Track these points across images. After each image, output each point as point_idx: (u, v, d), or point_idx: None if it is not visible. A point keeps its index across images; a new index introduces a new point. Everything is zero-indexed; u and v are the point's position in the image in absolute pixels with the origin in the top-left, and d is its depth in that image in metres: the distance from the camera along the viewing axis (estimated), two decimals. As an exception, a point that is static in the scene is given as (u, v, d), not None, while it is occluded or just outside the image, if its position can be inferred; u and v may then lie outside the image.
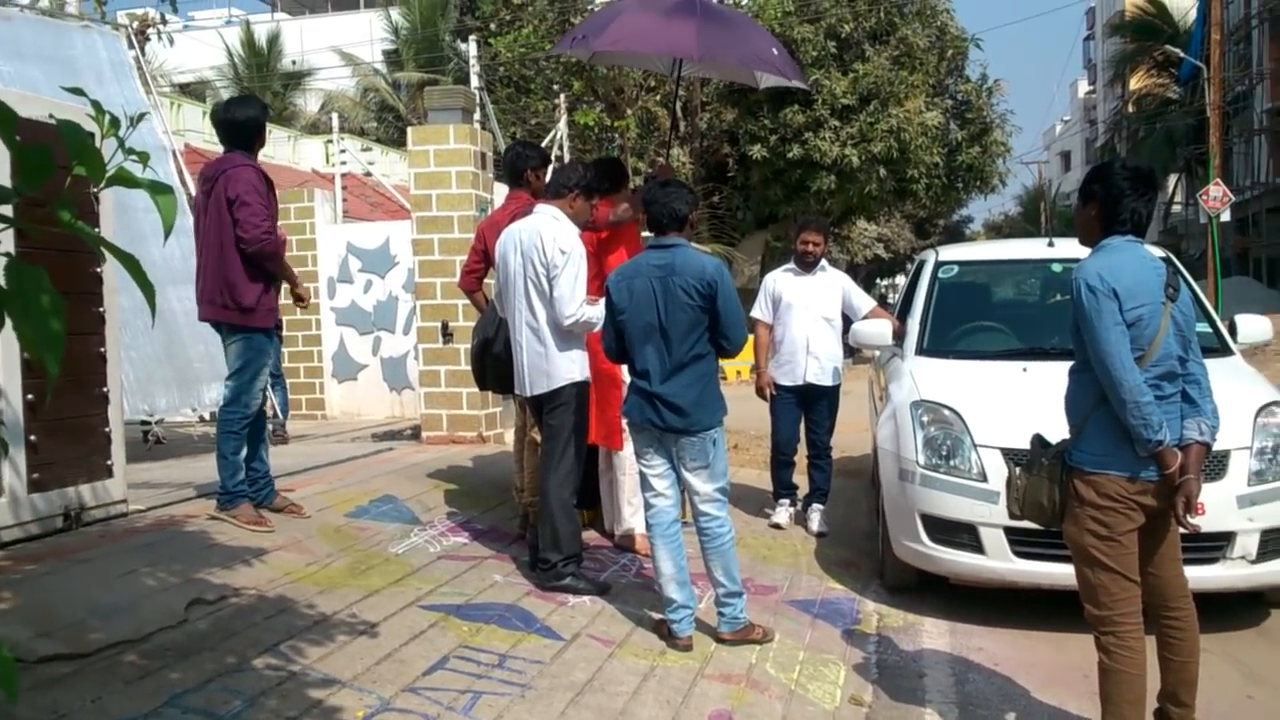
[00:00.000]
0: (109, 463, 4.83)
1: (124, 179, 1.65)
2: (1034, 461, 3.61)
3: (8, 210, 1.65)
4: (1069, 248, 6.54)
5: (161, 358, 7.25)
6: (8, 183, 1.60)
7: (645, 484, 4.57)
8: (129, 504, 5.01)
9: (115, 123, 1.69)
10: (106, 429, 4.81)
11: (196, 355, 7.40)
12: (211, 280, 4.90)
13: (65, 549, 4.26)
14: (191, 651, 3.50)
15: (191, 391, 7.44)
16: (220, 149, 5.10)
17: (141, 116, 1.79)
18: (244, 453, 5.01)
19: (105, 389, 4.79)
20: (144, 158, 1.75)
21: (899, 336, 6.50)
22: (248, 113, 5.07)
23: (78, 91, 1.75)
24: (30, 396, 4.34)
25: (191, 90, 29.19)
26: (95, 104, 1.68)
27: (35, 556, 4.12)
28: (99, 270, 4.75)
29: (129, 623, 3.58)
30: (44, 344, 1.55)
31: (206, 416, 8.70)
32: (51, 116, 1.71)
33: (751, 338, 6.78)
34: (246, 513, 4.93)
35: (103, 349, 4.78)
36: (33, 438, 4.36)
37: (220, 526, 4.84)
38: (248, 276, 4.85)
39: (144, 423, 7.94)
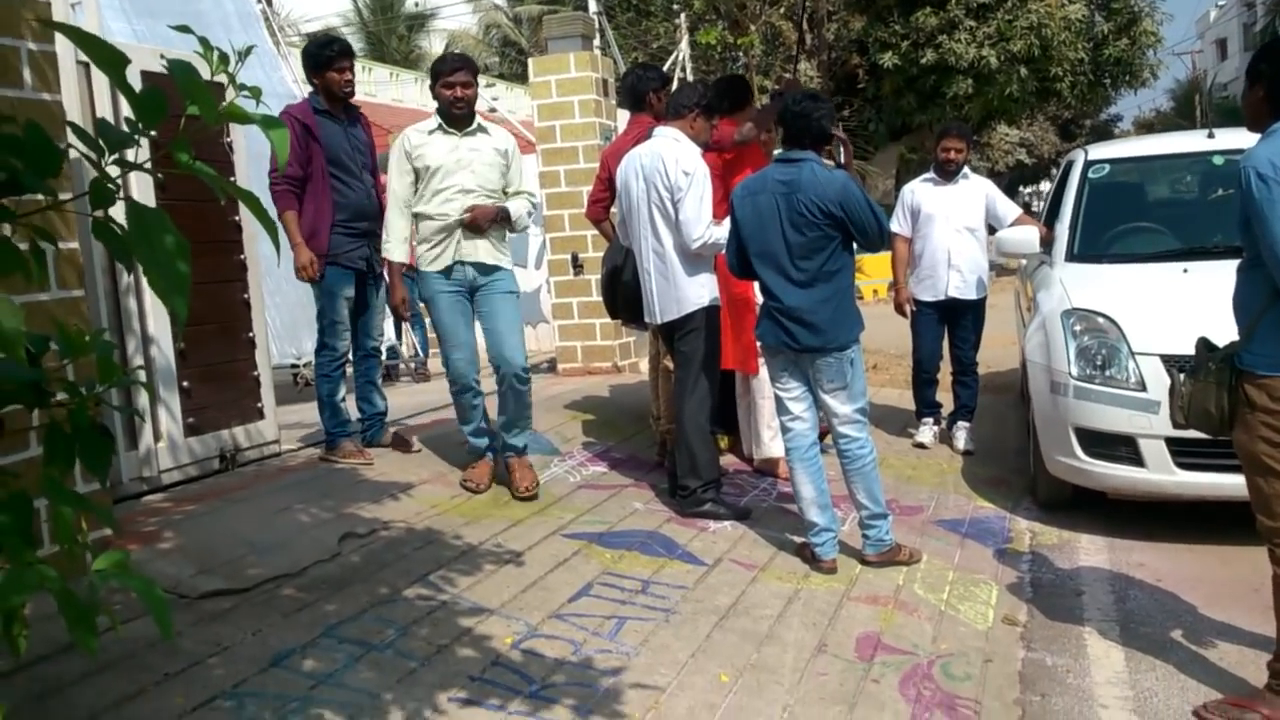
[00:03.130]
0: (260, 405, 5.01)
1: (235, 115, 1.63)
2: (1200, 367, 3.38)
3: (129, 155, 1.65)
4: (1231, 138, 6.11)
5: (305, 302, 7.45)
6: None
7: (782, 408, 4.48)
8: (281, 444, 5.20)
9: (224, 59, 1.66)
10: (255, 373, 4.97)
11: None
12: None
13: (223, 489, 4.45)
14: (345, 584, 3.62)
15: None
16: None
17: (250, 49, 1.76)
18: (341, 393, 5.06)
19: (251, 334, 4.94)
20: (255, 93, 1.72)
21: (1046, 243, 6.19)
22: (305, 48, 5.19)
23: (185, 29, 1.73)
24: (181, 345, 4.51)
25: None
26: (203, 40, 1.65)
27: (194, 497, 4.31)
28: (237, 219, 4.87)
29: (285, 558, 3.72)
30: (170, 285, 1.54)
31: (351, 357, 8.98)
32: (163, 58, 1.70)
33: (889, 253, 6.57)
34: (345, 449, 4.99)
35: (246, 295, 4.92)
36: (185, 384, 4.55)
37: (369, 463, 4.96)
38: (306, 215, 4.83)
39: (292, 366, 8.22)
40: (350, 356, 5.19)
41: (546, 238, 8.28)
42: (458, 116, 4.69)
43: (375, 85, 23.96)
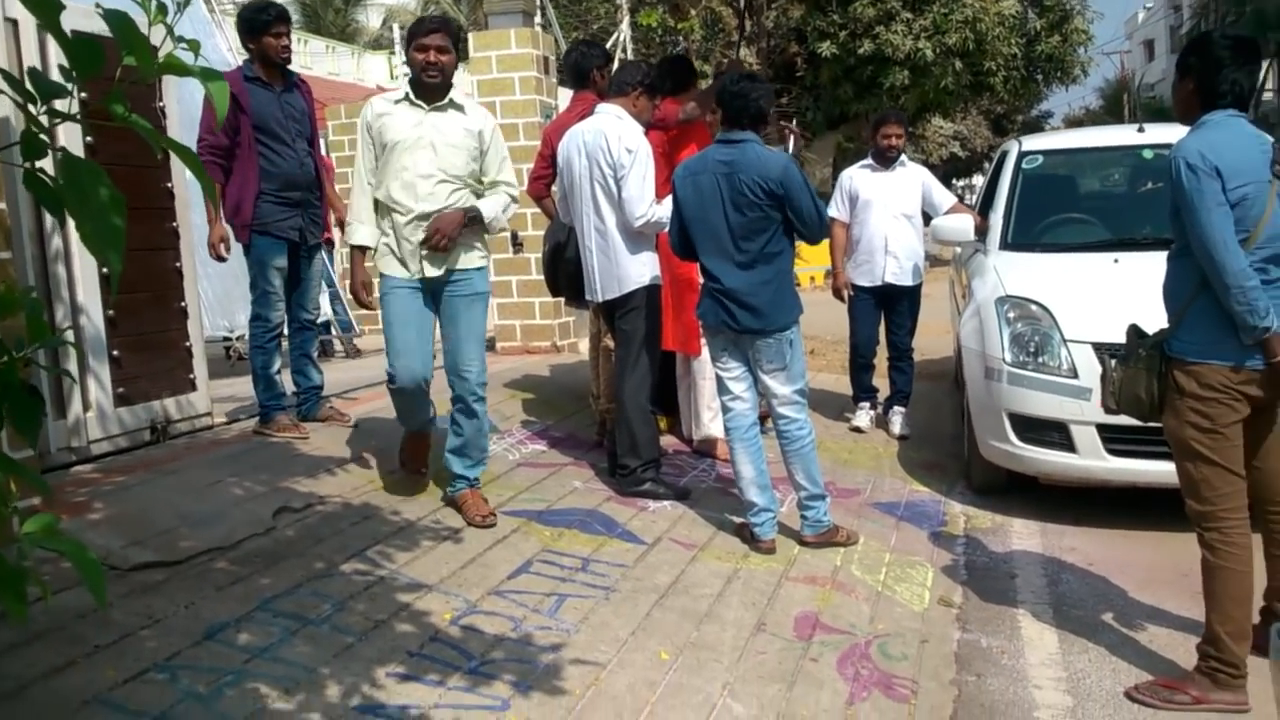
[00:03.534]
0: (191, 376, 4.88)
1: (174, 66, 1.56)
2: (1130, 353, 3.45)
3: (63, 106, 1.58)
4: (1160, 133, 6.26)
5: (239, 274, 7.27)
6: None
7: (722, 387, 4.48)
8: (213, 417, 5.08)
9: (162, 9, 1.60)
10: (187, 343, 4.85)
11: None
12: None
13: (153, 461, 4.33)
14: (280, 558, 3.54)
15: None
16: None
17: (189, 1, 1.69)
18: (275, 366, 4.92)
19: (183, 304, 4.81)
20: (194, 45, 1.66)
21: (981, 232, 6.27)
22: (240, 13, 5.02)
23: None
24: (111, 313, 4.38)
25: (255, 10, 29.15)
26: (139, -11, 1.58)
27: (125, 469, 4.19)
28: (169, 186, 4.74)
29: (219, 530, 3.63)
30: (104, 240, 1.48)
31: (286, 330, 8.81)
32: (98, 6, 1.63)
33: (826, 240, 6.60)
34: (280, 422, 4.87)
35: (178, 264, 4.79)
36: (115, 353, 4.41)
37: (303, 438, 4.87)
38: (233, 184, 4.69)
39: (225, 338, 8.05)
40: (285, 329, 5.07)
41: (486, 215, 8.19)
42: (429, 86, 4.05)
43: (311, 58, 23.46)
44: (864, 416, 6.73)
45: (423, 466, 4.54)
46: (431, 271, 4.11)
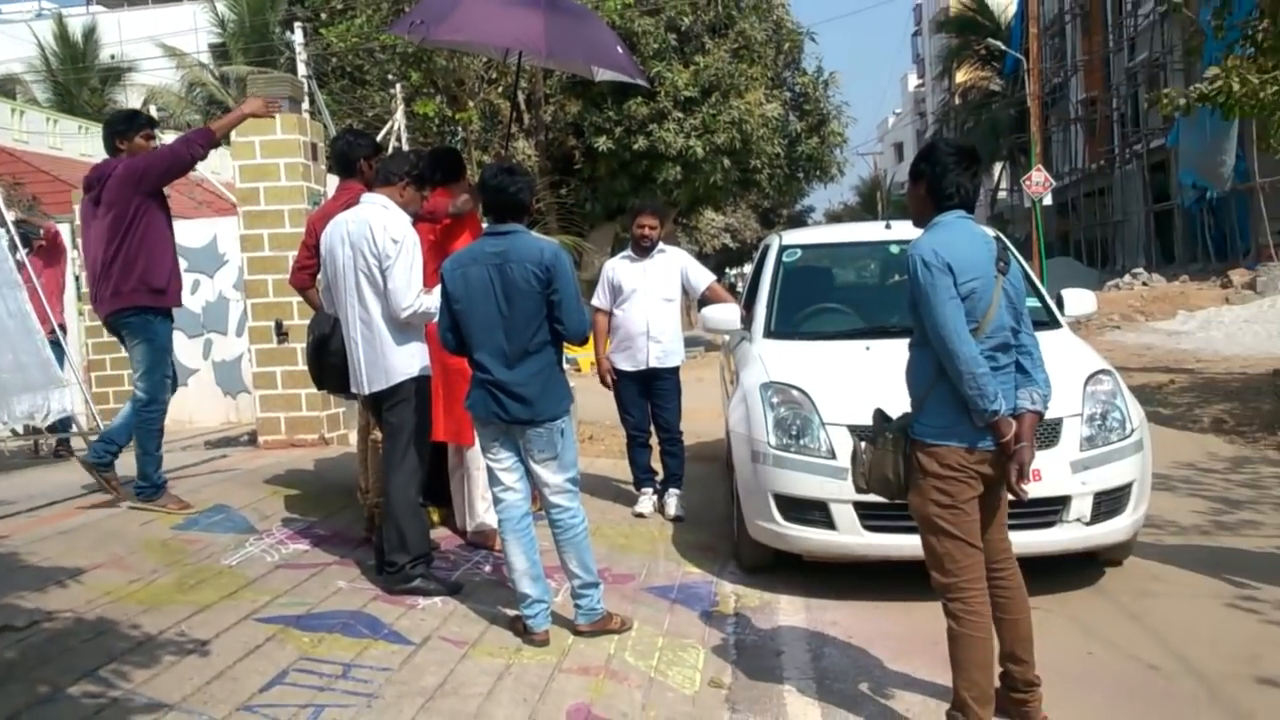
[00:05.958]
0: (-101, 484, 4.40)
1: None
2: (877, 436, 3.64)
3: None
4: (906, 230, 6.66)
5: (-36, 369, 6.68)
6: None
7: (493, 479, 4.42)
8: (-74, 529, 4.59)
9: None
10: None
11: (5, 365, 6.84)
12: (119, 273, 5.10)
13: None
14: (-3, 684, 3.19)
15: (0, 404, 6.88)
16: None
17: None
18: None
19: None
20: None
21: (746, 321, 6.53)
22: (111, 120, 5.65)
23: None
24: None
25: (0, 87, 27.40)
26: None
27: None
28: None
29: (-78, 658, 3.25)
30: None
31: (20, 430, 8.07)
32: None
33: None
34: (174, 499, 5.30)
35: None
36: None
37: (31, 547, 4.46)
38: (157, 259, 5.20)
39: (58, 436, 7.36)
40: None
41: (248, 303, 7.87)
42: None
43: (62, 138, 22.27)
44: (646, 503, 6.79)
45: None
46: None
